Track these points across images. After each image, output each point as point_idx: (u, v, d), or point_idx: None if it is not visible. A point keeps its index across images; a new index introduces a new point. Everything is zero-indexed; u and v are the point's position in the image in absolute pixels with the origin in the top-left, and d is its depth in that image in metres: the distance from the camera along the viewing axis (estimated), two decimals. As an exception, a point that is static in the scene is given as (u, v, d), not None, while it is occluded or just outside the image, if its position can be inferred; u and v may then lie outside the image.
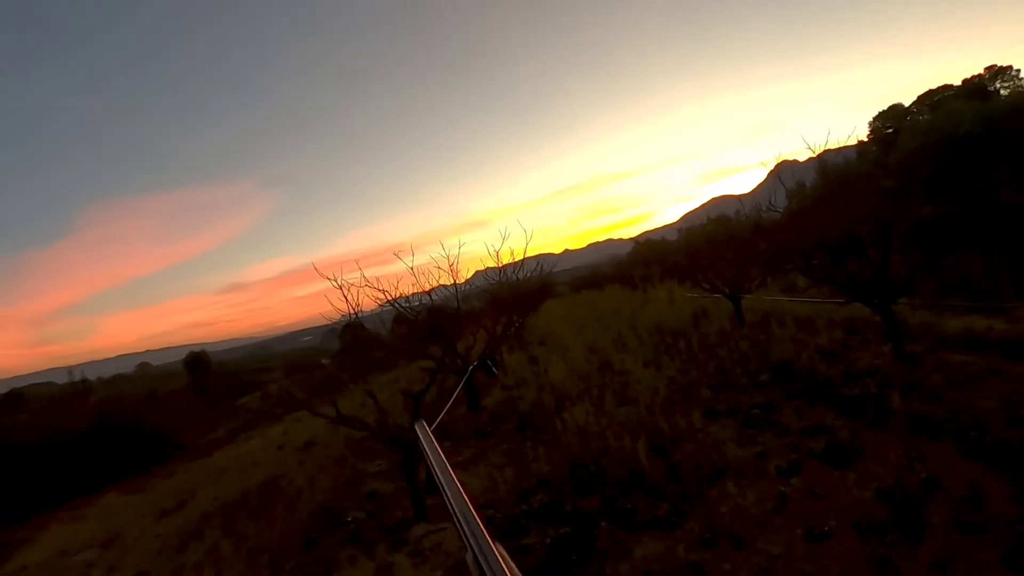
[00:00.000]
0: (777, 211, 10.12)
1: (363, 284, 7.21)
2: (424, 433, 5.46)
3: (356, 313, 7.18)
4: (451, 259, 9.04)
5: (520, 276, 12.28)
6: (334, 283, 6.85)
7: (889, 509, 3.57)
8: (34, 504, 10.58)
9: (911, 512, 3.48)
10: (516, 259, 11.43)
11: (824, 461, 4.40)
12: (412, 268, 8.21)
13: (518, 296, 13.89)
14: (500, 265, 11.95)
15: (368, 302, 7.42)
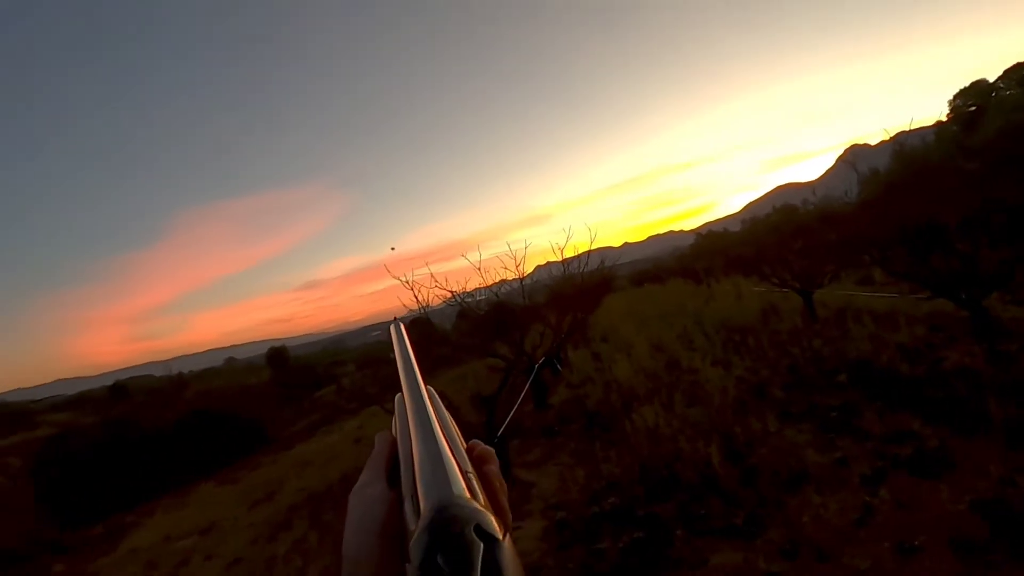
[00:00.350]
0: (848, 199, 9.60)
1: (428, 281, 7.36)
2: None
3: (423, 308, 7.35)
4: (515, 254, 9.03)
5: (581, 271, 12.17)
6: (402, 280, 7.03)
7: (988, 525, 3.32)
8: (141, 492, 11.37)
9: (1014, 529, 3.22)
10: (577, 254, 11.30)
11: (912, 471, 4.14)
12: (479, 265, 8.26)
13: (579, 291, 13.79)
14: (562, 259, 11.87)
15: (433, 298, 7.57)
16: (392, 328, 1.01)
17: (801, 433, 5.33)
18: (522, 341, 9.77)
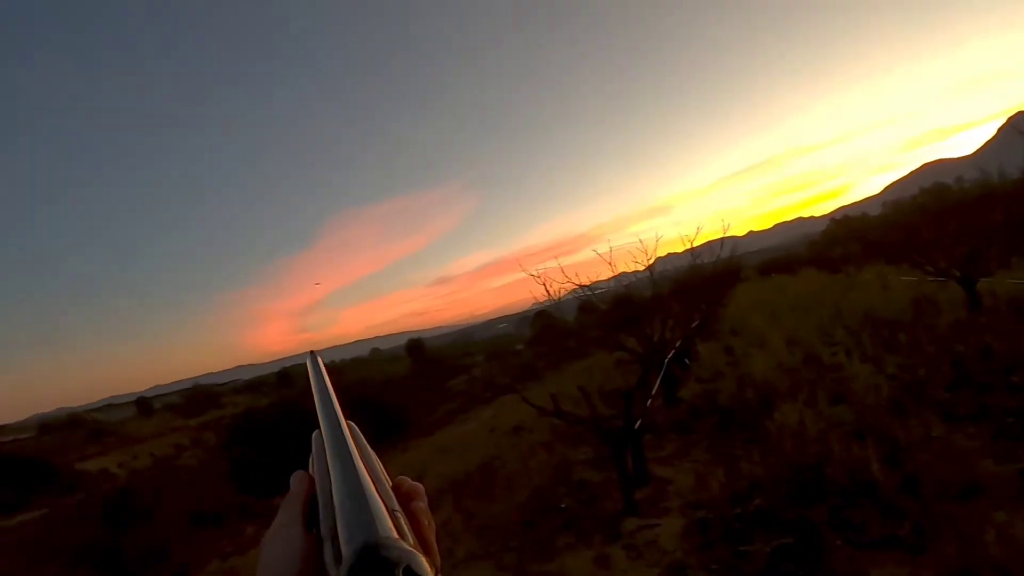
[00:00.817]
0: (1014, 174, 8.32)
1: (552, 273, 7.45)
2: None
3: (549, 300, 7.45)
4: (643, 245, 8.83)
5: (708, 260, 11.61)
6: (529, 273, 7.18)
7: None
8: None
9: None
10: (702, 243, 10.79)
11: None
12: (607, 257, 8.19)
13: (705, 282, 13.18)
14: (687, 249, 11.38)
15: (557, 290, 7.65)
16: (308, 361, 0.92)
17: (972, 439, 4.74)
18: (651, 334, 9.56)
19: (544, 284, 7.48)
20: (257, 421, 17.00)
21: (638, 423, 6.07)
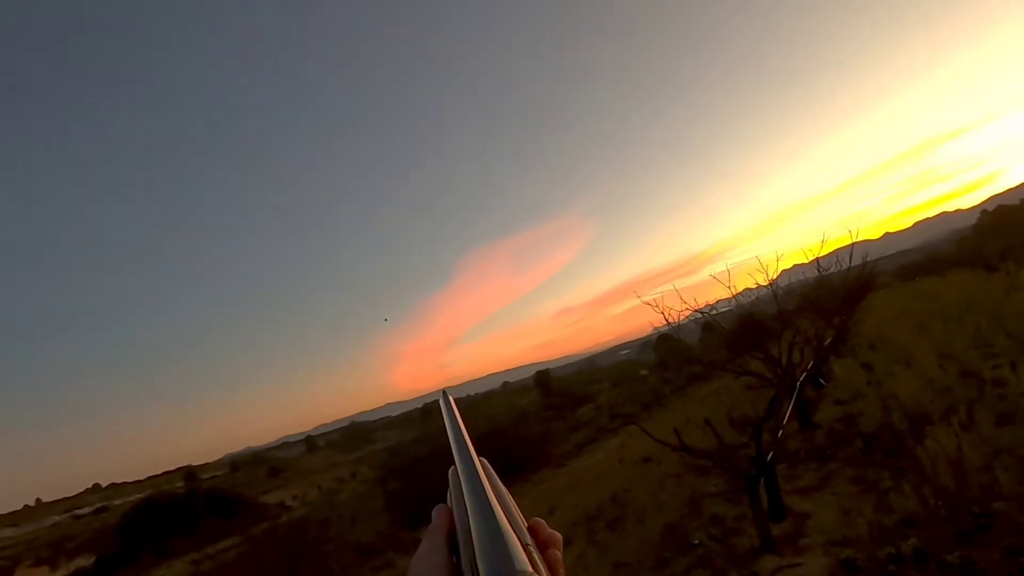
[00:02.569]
0: None
1: (669, 297, 7.25)
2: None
3: (669, 324, 7.23)
4: (762, 260, 8.33)
5: (838, 270, 10.56)
6: (644, 300, 7.04)
7: None
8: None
9: None
10: (829, 251, 9.87)
11: None
12: (725, 279, 7.82)
13: (836, 294, 11.99)
14: (813, 260, 10.43)
15: (678, 313, 7.38)
16: (441, 401, 0.97)
17: None
18: (779, 356, 8.90)
19: (661, 311, 7.30)
20: (403, 456, 18.00)
21: (770, 454, 5.65)
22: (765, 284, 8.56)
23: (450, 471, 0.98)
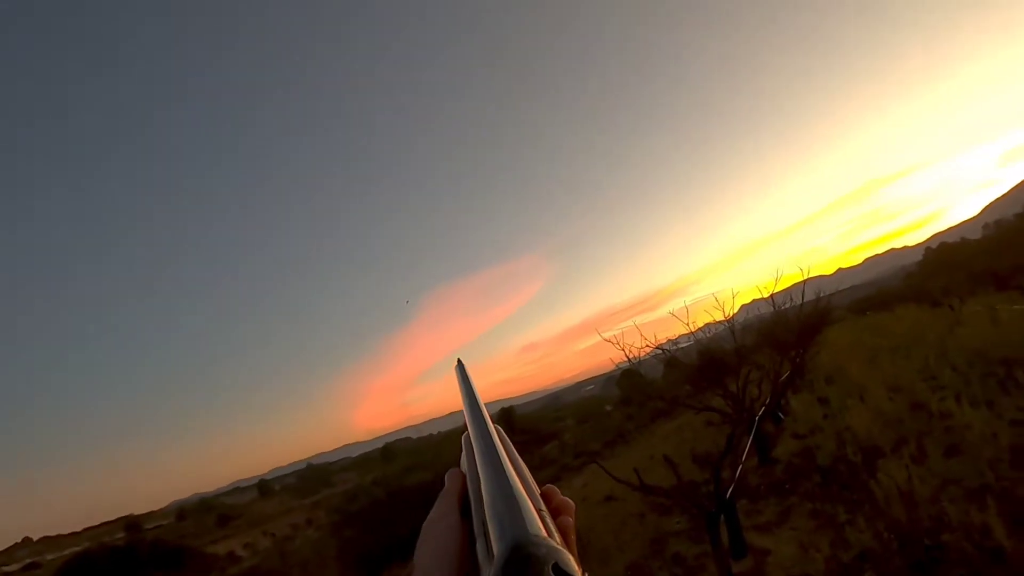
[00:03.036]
0: None
1: (630, 333, 7.30)
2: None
3: (631, 361, 7.26)
4: (718, 297, 8.50)
5: (793, 304, 10.89)
6: (604, 337, 7.08)
7: None
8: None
9: None
10: (785, 287, 10.16)
11: None
12: (683, 315, 7.93)
13: (792, 329, 12.33)
14: (769, 295, 10.72)
15: (640, 349, 7.42)
16: (456, 369, 0.99)
17: (1120, 493, 4.04)
18: (738, 392, 9.02)
19: (622, 348, 7.33)
20: (362, 500, 17.31)
21: (730, 490, 5.66)
22: (723, 320, 8.73)
23: (463, 437, 0.97)
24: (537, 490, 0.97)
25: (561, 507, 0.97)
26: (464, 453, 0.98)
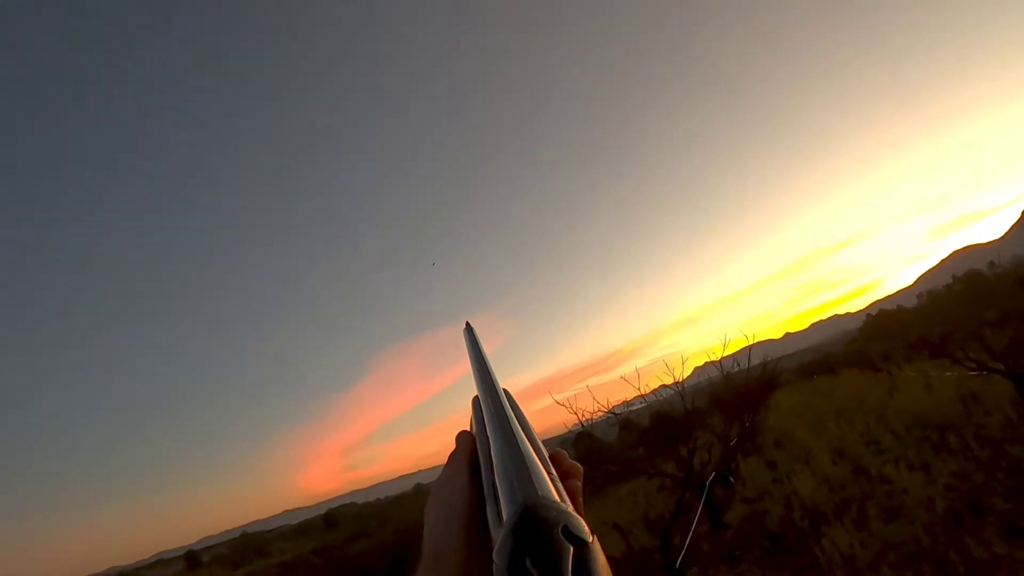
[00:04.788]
0: None
1: (583, 396, 7.38)
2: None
3: (584, 424, 7.31)
4: (667, 363, 8.72)
5: (741, 368, 11.22)
6: (557, 400, 7.13)
7: None
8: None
9: None
10: (734, 351, 10.51)
11: None
12: (634, 379, 8.06)
13: (743, 393, 12.66)
14: (718, 359, 11.03)
15: (593, 412, 7.49)
16: (464, 332, 1.01)
17: (1041, 556, 4.26)
18: (689, 456, 9.13)
19: (574, 411, 7.38)
20: (299, 572, 16.27)
21: (680, 558, 5.65)
22: (674, 383, 8.94)
23: (472, 400, 0.99)
24: (546, 453, 0.99)
25: (570, 471, 0.99)
26: (473, 416, 1.00)
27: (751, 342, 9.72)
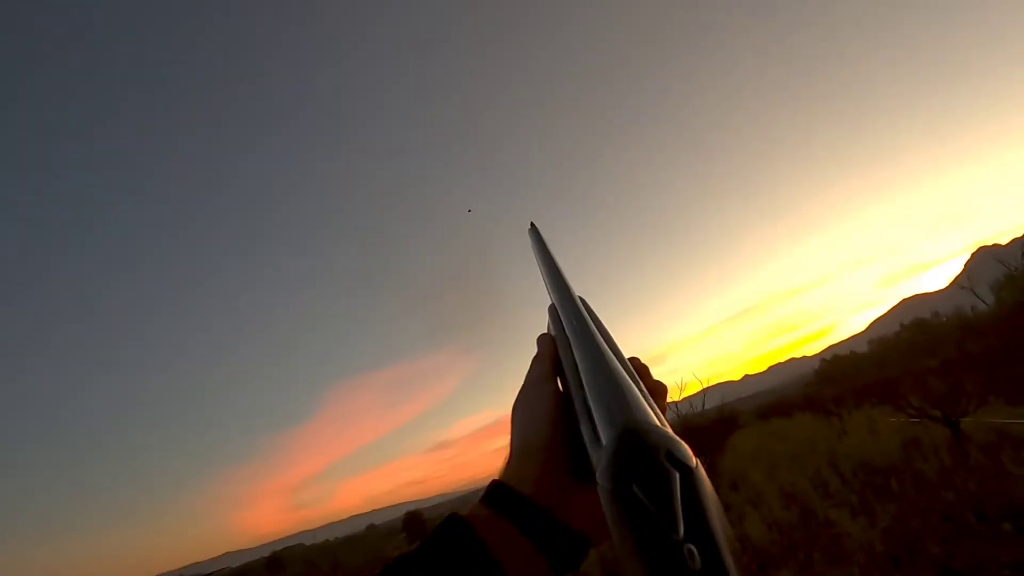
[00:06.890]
0: (984, 303, 8.77)
1: None
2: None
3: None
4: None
5: (699, 409, 11.53)
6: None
7: None
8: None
9: None
10: (692, 392, 10.85)
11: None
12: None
13: (700, 434, 12.95)
14: (678, 399, 11.25)
15: None
16: (530, 234, 0.93)
17: (970, 599, 4.55)
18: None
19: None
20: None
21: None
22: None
23: (549, 308, 0.93)
24: (630, 366, 0.93)
25: (656, 388, 0.94)
26: (550, 322, 0.94)
27: (704, 386, 10.06)
